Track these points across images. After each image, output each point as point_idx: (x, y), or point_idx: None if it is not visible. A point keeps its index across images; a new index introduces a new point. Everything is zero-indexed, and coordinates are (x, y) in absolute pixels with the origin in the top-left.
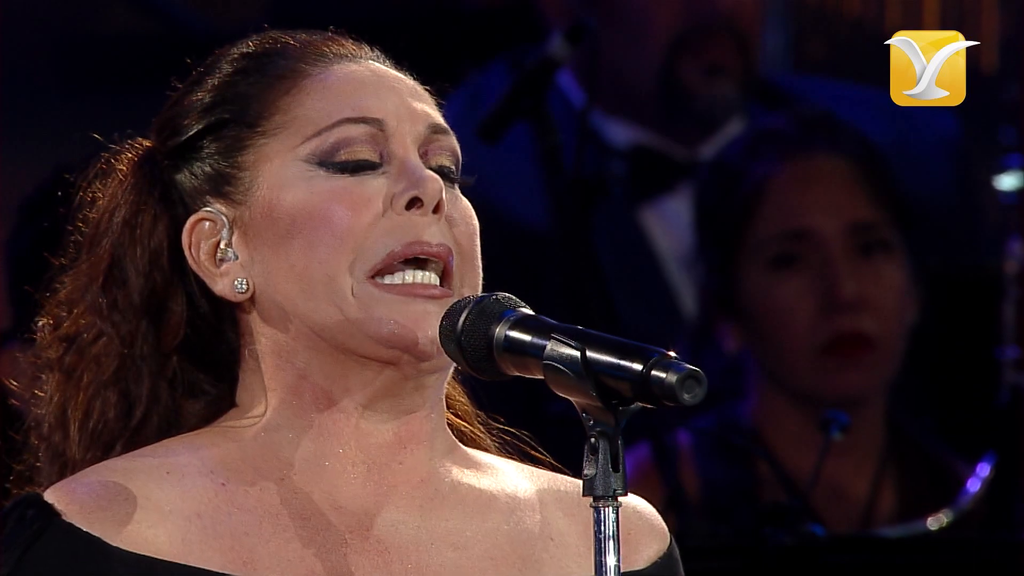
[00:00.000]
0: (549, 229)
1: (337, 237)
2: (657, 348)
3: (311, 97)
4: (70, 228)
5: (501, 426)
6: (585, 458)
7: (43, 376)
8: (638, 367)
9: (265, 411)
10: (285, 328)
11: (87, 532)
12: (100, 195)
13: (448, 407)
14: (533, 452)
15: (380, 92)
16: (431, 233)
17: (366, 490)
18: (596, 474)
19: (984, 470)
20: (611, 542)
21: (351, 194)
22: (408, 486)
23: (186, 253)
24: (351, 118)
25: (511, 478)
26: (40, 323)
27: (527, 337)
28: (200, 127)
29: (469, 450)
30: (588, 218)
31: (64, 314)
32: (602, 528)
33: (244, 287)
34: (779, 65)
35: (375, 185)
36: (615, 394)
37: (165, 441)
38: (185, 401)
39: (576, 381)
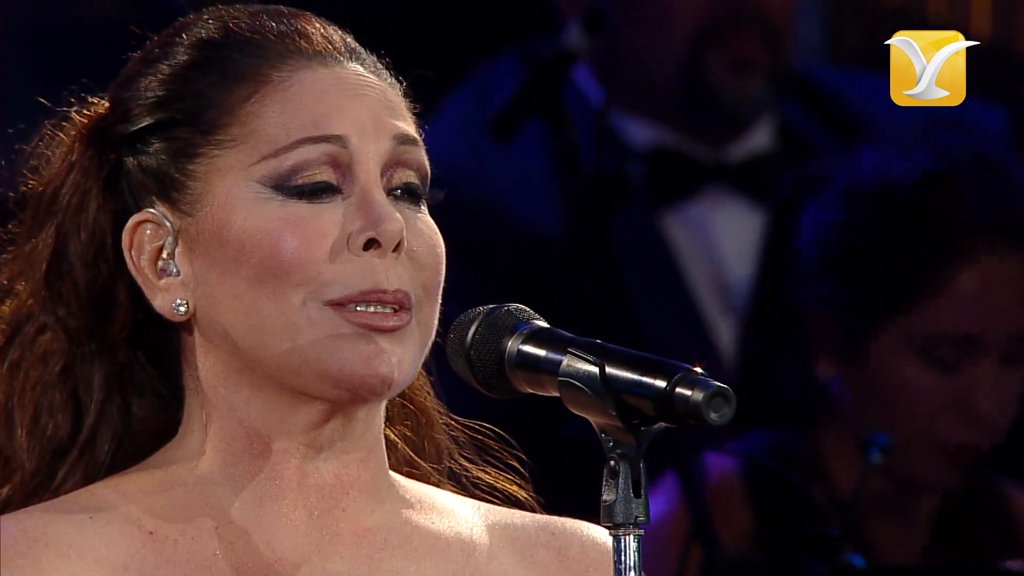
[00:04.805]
0: (564, 235)
1: (287, 271)
2: (682, 364)
3: (270, 109)
4: (12, 195)
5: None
6: (604, 482)
7: None
8: (661, 384)
9: (200, 448)
10: (227, 360)
11: None
12: (46, 163)
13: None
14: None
15: (344, 103)
16: (389, 279)
17: (308, 538)
18: (616, 500)
19: None
20: (632, 573)
21: (306, 225)
22: (353, 535)
23: (125, 255)
24: (311, 137)
25: (465, 520)
26: None
27: (542, 352)
28: (149, 122)
29: (416, 486)
30: (606, 223)
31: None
32: (622, 558)
33: (184, 309)
34: (814, 58)
35: (333, 216)
36: (637, 413)
37: (89, 486)
38: (134, 403)
39: (594, 399)
